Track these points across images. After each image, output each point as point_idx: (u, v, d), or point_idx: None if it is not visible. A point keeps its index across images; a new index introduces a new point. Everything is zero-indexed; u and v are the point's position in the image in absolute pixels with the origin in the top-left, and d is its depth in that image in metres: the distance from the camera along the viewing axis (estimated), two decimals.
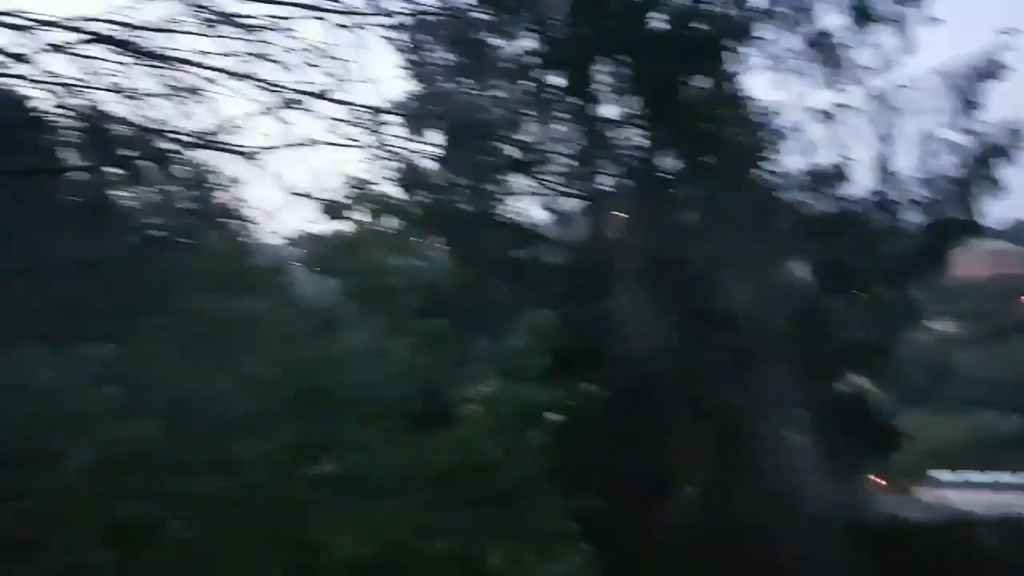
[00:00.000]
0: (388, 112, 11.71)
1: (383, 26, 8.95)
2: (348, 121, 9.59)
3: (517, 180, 12.13)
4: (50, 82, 6.47)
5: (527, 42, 11.28)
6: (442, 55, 12.11)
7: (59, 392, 13.11)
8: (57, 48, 6.29)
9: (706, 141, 10.53)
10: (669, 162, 11.29)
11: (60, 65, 6.34)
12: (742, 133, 10.73)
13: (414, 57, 11.63)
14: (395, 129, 11.81)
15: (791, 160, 11.98)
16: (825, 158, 12.18)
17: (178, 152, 8.42)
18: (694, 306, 9.46)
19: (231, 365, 9.77)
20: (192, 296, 10.50)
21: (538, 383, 9.45)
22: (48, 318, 14.61)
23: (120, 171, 8.88)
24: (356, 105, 9.12)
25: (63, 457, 11.52)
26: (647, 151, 11.12)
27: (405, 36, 12.00)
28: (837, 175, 12.27)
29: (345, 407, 9.32)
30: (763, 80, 11.19)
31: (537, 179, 12.06)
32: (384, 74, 11.75)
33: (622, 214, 11.81)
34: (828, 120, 12.06)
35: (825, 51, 11.66)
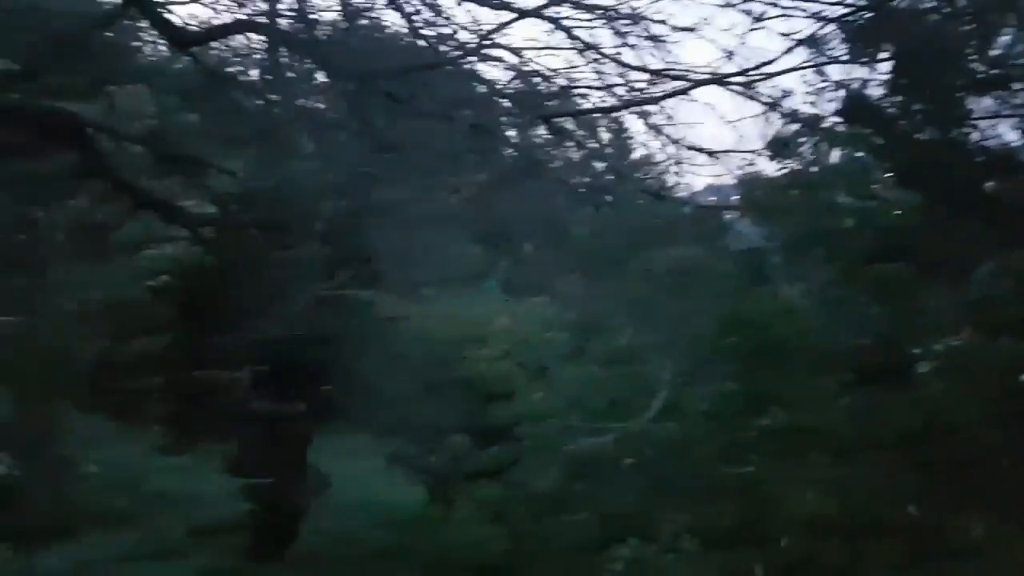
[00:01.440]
0: (832, 36, 10.75)
1: None
2: (787, 49, 8.92)
3: (986, 101, 10.44)
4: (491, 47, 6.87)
5: None
6: None
7: (512, 336, 14.46)
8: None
9: None
10: None
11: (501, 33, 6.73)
12: None
13: None
14: (842, 54, 10.81)
15: None
16: None
17: (614, 106, 8.50)
18: None
19: (675, 315, 9.86)
20: (630, 248, 10.78)
21: (1018, 336, 8.13)
22: (504, 271, 16.13)
23: (552, 130, 9.21)
24: (801, 25, 8.41)
25: (519, 396, 12.80)
26: None
27: None
28: None
29: (791, 358, 8.92)
30: None
31: (1014, 98, 10.26)
32: None
33: None
34: None
35: None
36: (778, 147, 9.25)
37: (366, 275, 14.43)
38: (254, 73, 10.13)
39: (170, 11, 7.21)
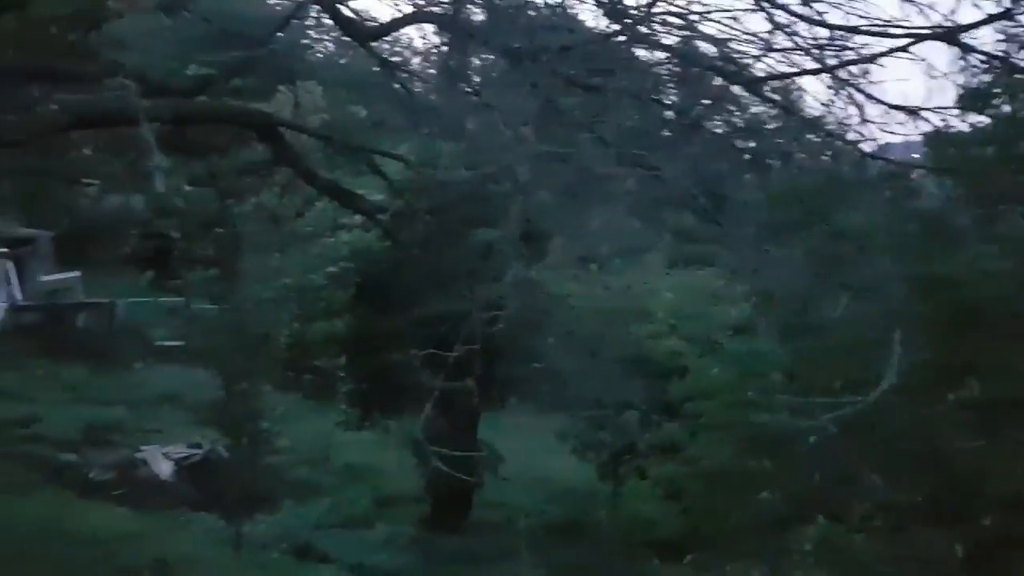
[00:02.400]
0: None
1: None
2: None
3: None
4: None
5: None
6: None
7: (681, 310, 14.25)
8: None
9: None
10: None
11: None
12: None
13: None
14: None
15: None
16: None
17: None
18: None
19: (859, 282, 9.40)
20: (811, 213, 10.34)
21: None
22: (661, 242, 15.87)
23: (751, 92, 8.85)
24: None
25: (690, 371, 12.58)
26: None
27: None
28: None
29: (990, 325, 8.34)
30: None
31: None
32: None
33: None
34: None
35: None
36: (972, 101, 8.61)
37: (533, 253, 14.63)
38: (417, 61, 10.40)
39: (346, 5, 7.48)
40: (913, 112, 7.73)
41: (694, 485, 10.81)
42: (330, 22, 8.34)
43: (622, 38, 7.28)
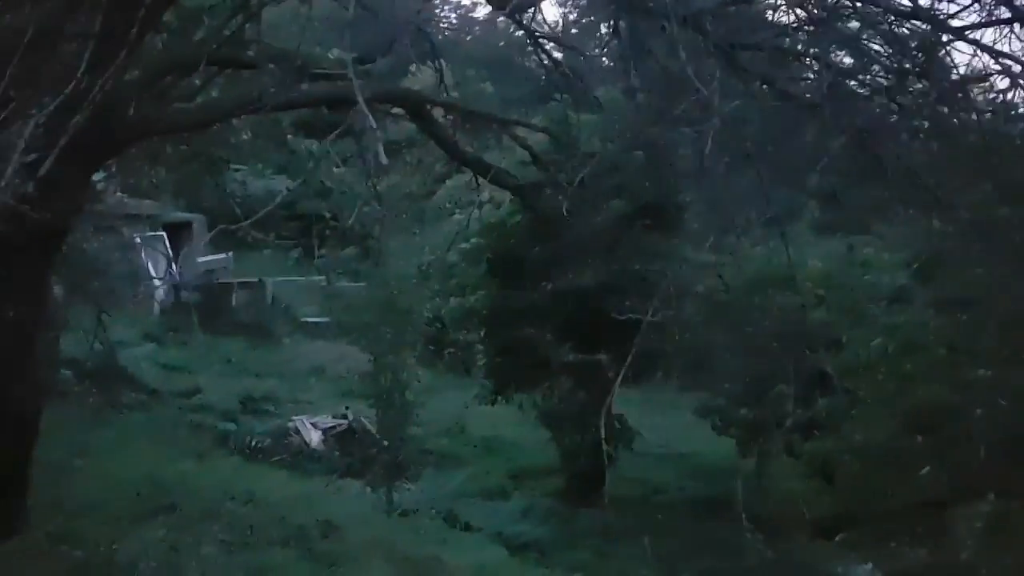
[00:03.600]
0: None
1: None
2: None
3: None
4: None
5: None
6: None
7: (831, 279, 13.63)
8: None
9: None
10: None
11: None
12: None
13: None
14: None
15: None
16: None
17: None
18: None
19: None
20: (965, 178, 9.66)
21: None
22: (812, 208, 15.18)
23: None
24: None
25: (844, 343, 12.04)
26: None
27: None
28: None
29: None
30: None
31: None
32: None
33: None
34: None
35: None
36: None
37: (672, 223, 14.28)
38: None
39: None
40: None
41: (849, 462, 10.35)
42: None
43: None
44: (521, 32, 8.22)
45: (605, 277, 13.70)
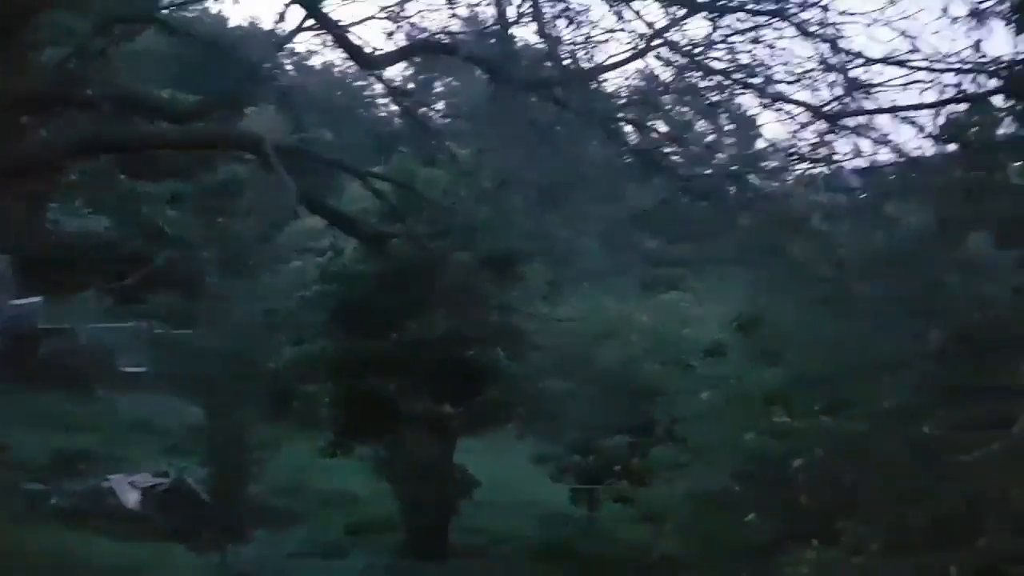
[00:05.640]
0: (994, 7, 10.20)
1: None
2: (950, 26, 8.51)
3: None
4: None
5: None
6: None
7: (656, 333, 14.31)
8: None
9: None
10: None
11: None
12: None
13: None
14: (1004, 28, 10.25)
15: None
16: None
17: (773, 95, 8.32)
18: None
19: (839, 303, 9.52)
20: (781, 236, 10.45)
21: None
22: (636, 266, 15.93)
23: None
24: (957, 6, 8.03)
25: (681, 391, 12.60)
26: None
27: None
28: None
29: (981, 346, 8.45)
30: None
31: None
32: None
33: None
34: None
35: None
36: (944, 128, 8.85)
37: (510, 277, 14.60)
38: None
39: (350, 32, 7.45)
40: (880, 137, 7.93)
41: (679, 508, 10.78)
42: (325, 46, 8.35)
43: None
44: (380, 86, 8.29)
45: (452, 327, 13.82)
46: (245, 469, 11.34)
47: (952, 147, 9.85)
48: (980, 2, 9.43)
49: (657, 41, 7.14)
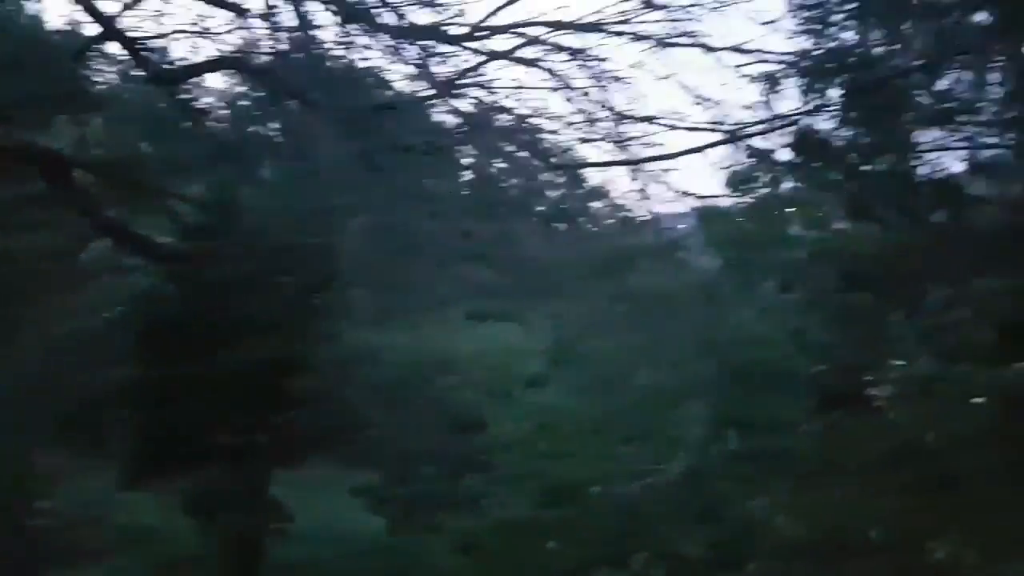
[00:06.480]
0: (789, 74, 11.17)
1: None
2: (750, 89, 9.30)
3: (935, 133, 10.93)
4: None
5: None
6: (846, 1, 11.25)
7: (479, 363, 14.59)
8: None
9: None
10: None
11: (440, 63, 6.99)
12: None
13: (816, 8, 10.95)
14: (795, 92, 11.27)
15: None
16: None
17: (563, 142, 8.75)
18: None
19: (642, 340, 10.06)
20: (600, 274, 10.98)
21: (980, 361, 8.48)
22: (459, 296, 16.26)
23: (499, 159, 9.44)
24: (757, 69, 8.80)
25: (488, 424, 12.88)
26: None
27: None
28: None
29: (758, 385, 9.18)
30: None
31: (960, 130, 10.75)
32: (782, 33, 11.26)
33: None
34: None
35: None
36: (734, 182, 9.64)
37: (331, 302, 14.39)
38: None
39: (145, 46, 7.26)
40: (678, 189, 8.55)
41: (489, 538, 10.99)
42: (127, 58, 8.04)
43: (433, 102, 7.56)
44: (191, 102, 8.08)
45: (267, 355, 13.43)
46: (28, 502, 10.51)
47: (740, 198, 10.70)
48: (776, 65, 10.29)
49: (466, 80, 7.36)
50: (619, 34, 6.57)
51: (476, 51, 6.82)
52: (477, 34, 6.54)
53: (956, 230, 9.94)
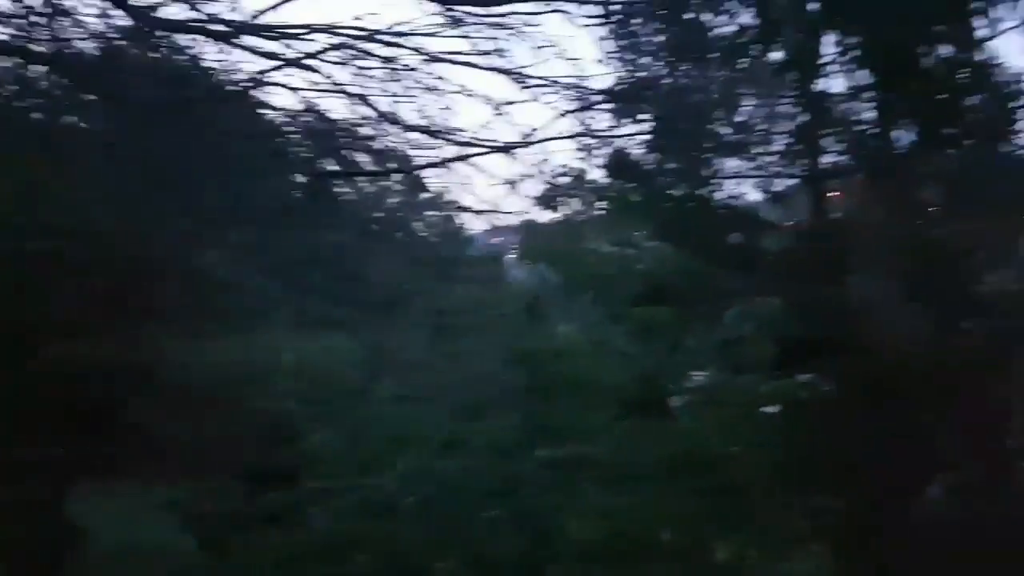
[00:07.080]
0: (598, 99, 11.75)
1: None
2: (560, 111, 9.76)
3: (732, 162, 11.77)
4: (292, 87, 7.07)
5: (743, 17, 10.90)
6: (652, 35, 11.95)
7: (305, 375, 14.34)
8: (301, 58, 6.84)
9: (947, 112, 9.73)
10: (903, 136, 10.55)
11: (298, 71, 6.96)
12: (989, 103, 9.82)
13: (623, 40, 11.59)
14: (605, 116, 11.87)
15: None
16: None
17: (400, 150, 8.88)
18: (938, 291, 8.83)
19: (460, 352, 10.24)
20: (417, 286, 11.10)
21: (762, 373, 9.21)
22: (292, 306, 15.97)
23: (347, 169, 9.49)
24: (567, 92, 9.25)
25: (311, 433, 12.66)
26: (878, 125, 10.44)
27: (613, 18, 11.95)
28: None
29: (566, 394, 9.54)
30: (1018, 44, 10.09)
31: (754, 160, 11.63)
32: (591, 59, 11.82)
33: (848, 193, 11.18)
34: None
35: None
36: (547, 200, 10.06)
37: (142, 310, 13.69)
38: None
39: None
40: (494, 208, 8.85)
41: (298, 554, 10.81)
42: None
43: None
44: None
45: (65, 361, 12.60)
46: None
47: (554, 215, 11.14)
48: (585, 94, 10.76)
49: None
50: (418, 50, 6.71)
51: (273, 55, 6.77)
52: (271, 33, 6.48)
53: (748, 252, 10.72)
